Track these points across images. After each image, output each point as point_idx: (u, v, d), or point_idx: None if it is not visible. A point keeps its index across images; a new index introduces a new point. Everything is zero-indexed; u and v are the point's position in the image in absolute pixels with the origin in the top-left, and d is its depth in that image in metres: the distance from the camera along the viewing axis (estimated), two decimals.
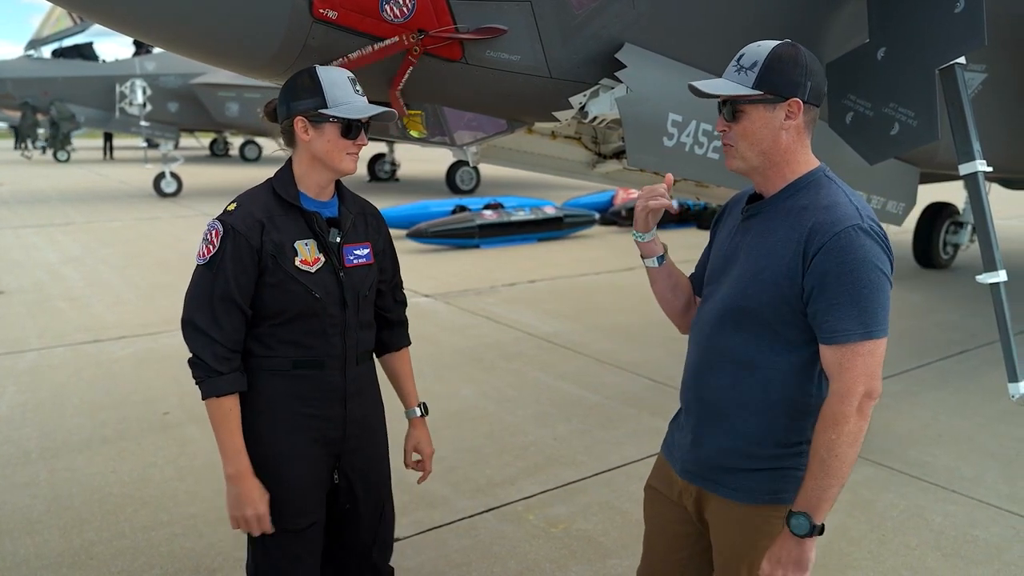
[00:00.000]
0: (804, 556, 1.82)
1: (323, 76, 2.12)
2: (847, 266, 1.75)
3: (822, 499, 1.79)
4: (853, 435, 1.77)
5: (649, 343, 6.91)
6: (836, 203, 1.83)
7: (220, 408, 2.16)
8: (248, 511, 2.16)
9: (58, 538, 3.61)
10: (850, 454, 1.78)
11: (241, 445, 2.18)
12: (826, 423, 1.79)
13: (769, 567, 1.85)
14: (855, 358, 1.77)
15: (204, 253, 2.13)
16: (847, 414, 1.77)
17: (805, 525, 1.79)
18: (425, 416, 2.61)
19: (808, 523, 1.79)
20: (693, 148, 3.43)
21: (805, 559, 1.82)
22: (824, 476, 1.78)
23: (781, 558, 1.83)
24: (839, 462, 1.77)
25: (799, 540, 1.81)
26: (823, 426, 1.79)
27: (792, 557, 1.82)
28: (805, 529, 1.79)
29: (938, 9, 3.35)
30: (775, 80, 1.84)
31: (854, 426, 1.77)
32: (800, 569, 1.82)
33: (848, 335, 1.77)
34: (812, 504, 1.80)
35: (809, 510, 1.80)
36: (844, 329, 1.77)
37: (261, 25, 2.51)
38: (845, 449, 1.77)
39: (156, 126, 18.34)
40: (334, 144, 2.13)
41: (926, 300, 8.78)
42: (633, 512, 3.92)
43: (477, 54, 2.89)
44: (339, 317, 2.24)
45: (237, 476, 2.17)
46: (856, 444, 1.79)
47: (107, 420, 4.98)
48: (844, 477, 1.79)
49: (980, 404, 5.55)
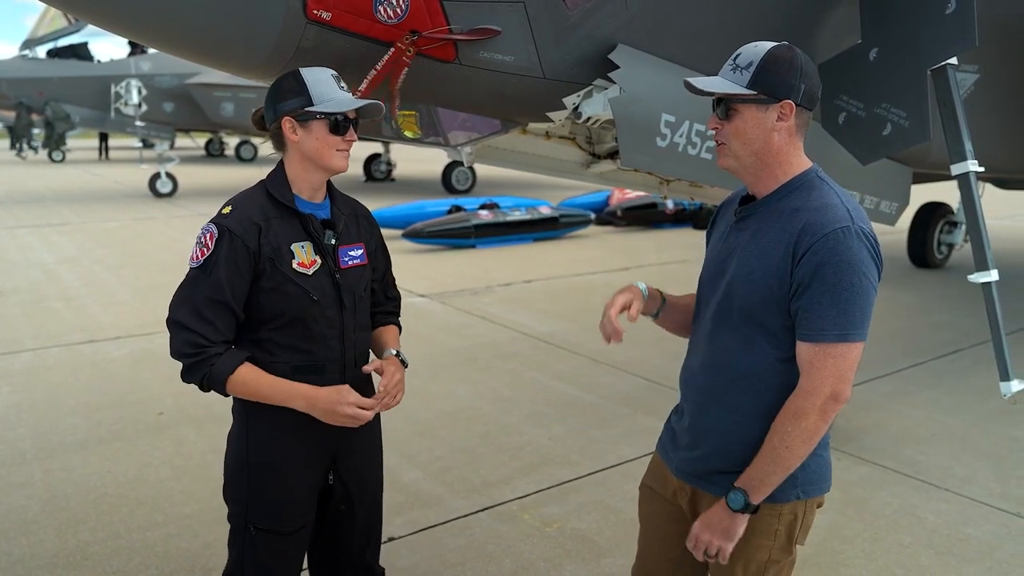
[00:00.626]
0: (733, 528, 1.90)
1: (307, 75, 2.12)
2: (832, 266, 1.76)
3: (763, 483, 1.86)
4: (809, 432, 1.81)
5: (644, 343, 6.91)
6: (828, 205, 1.84)
7: (243, 381, 2.11)
8: (345, 409, 2.11)
9: (53, 538, 3.61)
10: (802, 449, 1.82)
11: (287, 385, 2.12)
12: (786, 415, 1.83)
13: (699, 528, 1.94)
14: (827, 358, 1.79)
15: (198, 256, 2.12)
16: (808, 411, 1.80)
17: (740, 501, 1.87)
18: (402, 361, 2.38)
19: (744, 500, 1.87)
20: (686, 148, 3.44)
21: (733, 531, 1.90)
22: (771, 463, 1.84)
23: (712, 525, 1.92)
24: (789, 454, 1.82)
25: (732, 513, 1.88)
26: (783, 417, 1.83)
27: (722, 526, 1.90)
28: (740, 504, 1.87)
29: (929, 10, 3.37)
30: (769, 81, 1.85)
31: (812, 424, 1.81)
32: (726, 539, 1.90)
33: (823, 334, 1.78)
34: (753, 485, 1.86)
35: (748, 489, 1.87)
36: (820, 328, 1.78)
37: (255, 26, 2.52)
38: (798, 444, 1.81)
39: (151, 126, 18.36)
40: (323, 141, 2.13)
41: (920, 300, 8.81)
42: (628, 511, 3.93)
43: (471, 55, 2.90)
44: (337, 320, 2.24)
45: (309, 403, 2.12)
46: (811, 442, 1.82)
47: (102, 420, 4.99)
48: (790, 469, 1.85)
49: (973, 403, 5.57)
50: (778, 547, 1.96)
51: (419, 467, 4.41)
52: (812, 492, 1.97)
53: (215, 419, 4.97)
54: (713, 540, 1.91)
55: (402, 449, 4.59)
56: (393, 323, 2.55)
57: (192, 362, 2.08)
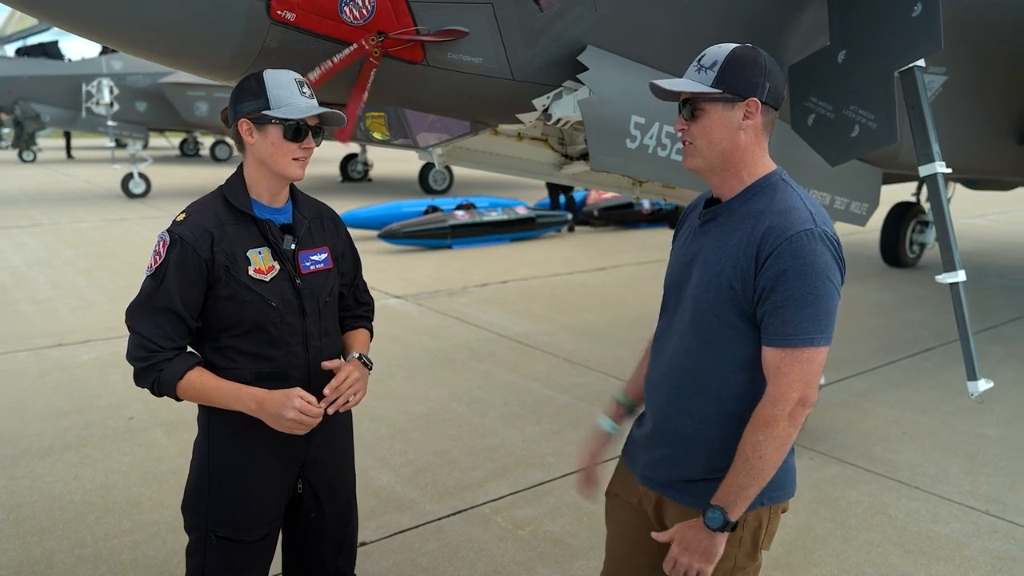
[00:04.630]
0: (713, 548, 1.85)
1: (268, 78, 2.08)
2: (796, 270, 1.75)
3: (739, 497, 1.82)
4: (781, 440, 1.79)
5: (618, 343, 6.93)
6: (791, 208, 1.83)
7: (191, 385, 2.08)
8: (290, 413, 2.05)
9: (17, 547, 3.55)
10: (775, 458, 1.80)
11: (237, 389, 2.08)
12: (756, 424, 1.80)
13: (678, 550, 1.88)
14: (793, 363, 1.78)
15: (152, 264, 2.10)
16: (777, 418, 1.78)
17: (719, 519, 1.82)
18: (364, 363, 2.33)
19: (722, 518, 1.82)
20: (656, 150, 3.44)
21: (713, 552, 1.85)
22: (746, 476, 1.81)
23: (691, 546, 1.86)
24: (763, 464, 1.79)
25: (711, 532, 1.84)
26: (753, 427, 1.81)
27: (701, 547, 1.85)
28: (718, 523, 1.82)
29: (896, 13, 3.39)
30: (734, 79, 1.84)
31: (783, 431, 1.79)
32: (706, 560, 1.85)
33: (789, 339, 1.77)
34: (729, 501, 1.82)
35: (726, 506, 1.82)
36: (786, 333, 1.77)
37: (217, 27, 2.49)
38: (771, 453, 1.79)
39: (124, 126, 18.11)
40: (278, 147, 2.09)
41: (893, 298, 8.89)
42: (600, 514, 3.88)
43: (438, 56, 2.88)
44: (299, 326, 2.20)
45: (257, 405, 2.07)
46: (783, 449, 1.80)
47: (70, 426, 4.91)
48: (766, 479, 1.81)
49: (943, 401, 5.63)
50: (743, 554, 1.95)
51: (392, 470, 4.38)
52: (776, 498, 1.96)
53: (186, 424, 4.91)
54: (693, 562, 1.86)
55: (374, 452, 4.56)
56: (363, 327, 2.51)
57: (142, 367, 2.08)
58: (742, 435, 1.83)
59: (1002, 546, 3.72)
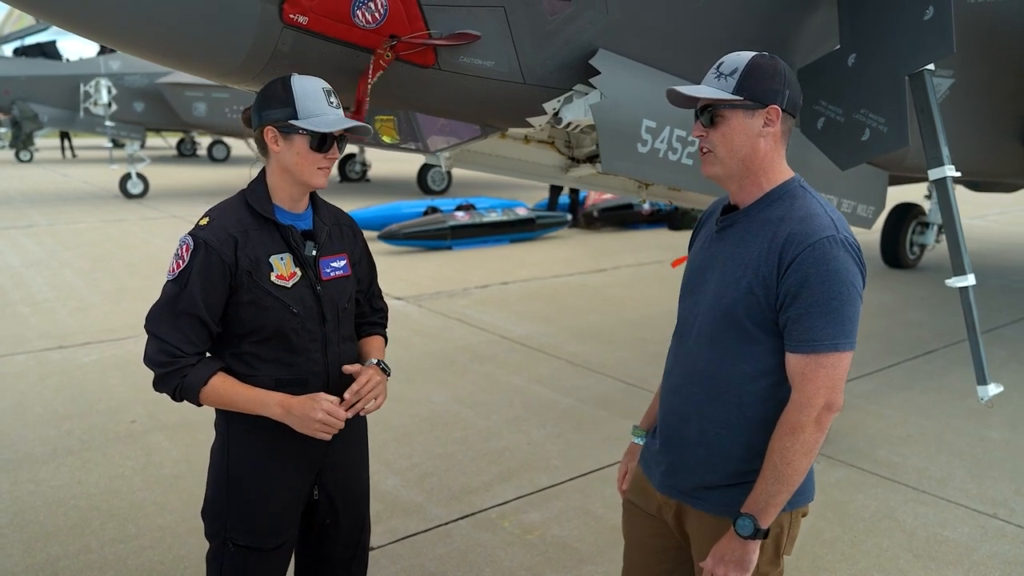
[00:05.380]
0: (747, 557, 1.85)
1: (296, 86, 2.05)
2: (820, 277, 1.76)
3: (770, 504, 1.82)
4: (808, 445, 1.79)
5: (621, 345, 6.92)
6: (812, 214, 1.83)
7: (215, 391, 2.07)
8: (319, 415, 2.07)
9: (21, 553, 3.52)
10: (803, 464, 1.80)
11: (262, 394, 2.09)
12: (783, 430, 1.81)
13: (712, 563, 1.88)
14: (819, 369, 1.78)
15: (174, 268, 2.08)
16: (804, 424, 1.78)
17: (750, 527, 1.82)
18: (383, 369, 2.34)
19: (753, 525, 1.82)
20: (667, 154, 3.43)
21: (747, 560, 1.85)
22: (775, 482, 1.81)
23: (725, 556, 1.86)
24: (791, 470, 1.79)
25: (743, 541, 1.84)
26: (780, 433, 1.81)
27: (735, 557, 1.85)
28: (750, 531, 1.82)
29: (907, 17, 3.38)
30: (755, 87, 1.85)
31: (810, 436, 1.79)
32: (742, 569, 1.85)
33: (814, 345, 1.78)
34: (760, 508, 1.82)
35: (756, 514, 1.82)
36: (811, 339, 1.77)
37: (229, 30, 2.46)
38: (799, 459, 1.79)
39: (122, 126, 18.04)
40: (303, 157, 2.08)
41: (894, 300, 8.89)
42: (608, 518, 3.91)
43: (450, 60, 2.86)
44: (318, 332, 2.19)
45: (284, 410, 2.08)
46: (811, 454, 1.81)
47: (72, 429, 4.88)
48: (795, 485, 1.82)
49: (947, 404, 5.62)
50: (766, 560, 1.94)
51: (397, 474, 4.36)
52: (798, 502, 1.96)
53: (189, 427, 4.89)
54: (729, 572, 1.85)
55: (380, 456, 4.54)
56: (379, 334, 2.51)
57: (164, 372, 2.05)
58: (769, 442, 1.83)
59: (1011, 550, 3.71)
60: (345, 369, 2.23)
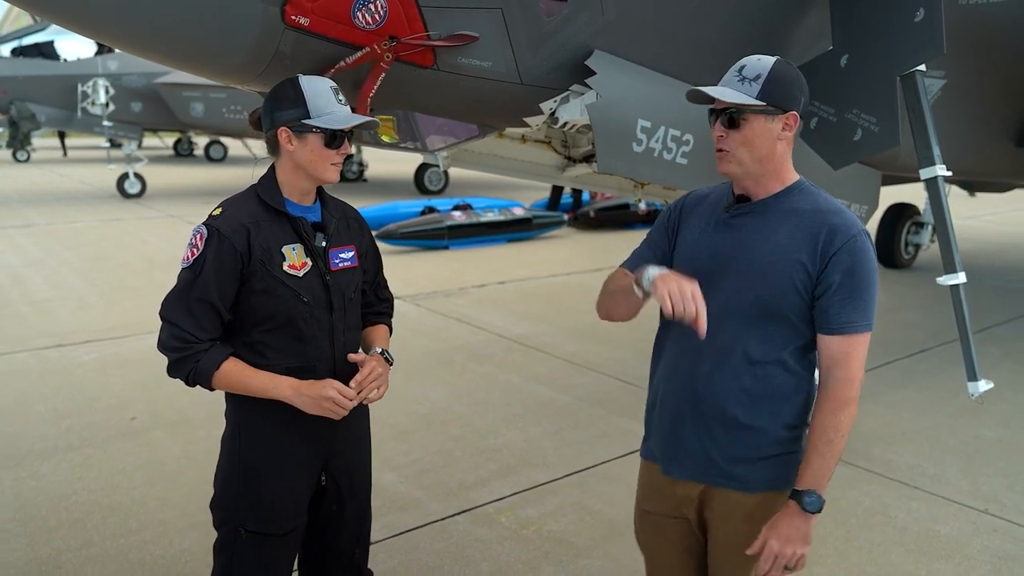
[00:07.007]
0: (810, 531, 1.95)
1: (306, 86, 2.13)
2: (860, 266, 1.93)
3: (826, 477, 1.96)
4: (853, 416, 1.97)
5: (618, 344, 6.96)
6: (841, 210, 2.00)
7: (227, 375, 2.14)
8: (330, 392, 2.14)
9: (25, 547, 3.56)
10: (846, 435, 1.97)
11: (270, 376, 2.16)
12: (836, 406, 1.95)
13: (779, 545, 1.94)
14: (857, 347, 1.95)
15: (188, 257, 2.14)
16: (852, 398, 1.95)
17: (818, 502, 1.93)
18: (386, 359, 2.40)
19: (820, 500, 1.94)
20: (662, 153, 3.47)
21: (810, 534, 1.96)
22: (831, 456, 1.95)
23: (791, 536, 1.94)
24: (842, 442, 1.96)
25: (807, 516, 1.94)
26: (832, 408, 1.95)
27: (800, 533, 1.94)
28: (818, 505, 1.93)
29: (899, 18, 3.43)
30: (778, 93, 1.95)
31: (855, 408, 1.97)
32: (806, 543, 1.96)
33: (856, 327, 1.94)
34: (820, 482, 1.95)
35: (818, 488, 1.94)
36: (853, 321, 1.94)
37: (231, 31, 2.50)
38: (846, 431, 1.96)
39: (119, 126, 18.03)
40: (318, 154, 2.15)
41: (889, 299, 8.94)
42: (604, 512, 3.96)
43: (449, 61, 2.91)
44: (326, 321, 2.26)
45: (294, 391, 2.15)
46: (850, 426, 1.98)
47: (72, 426, 4.92)
48: (841, 456, 1.98)
49: (941, 402, 5.68)
50: None
51: (395, 470, 4.40)
52: None
53: (189, 424, 4.93)
54: (796, 549, 1.94)
55: (378, 452, 4.49)
56: (384, 323, 2.58)
57: (178, 357, 2.12)
58: (817, 419, 1.97)
59: (1002, 545, 3.76)
60: (350, 357, 2.29)
